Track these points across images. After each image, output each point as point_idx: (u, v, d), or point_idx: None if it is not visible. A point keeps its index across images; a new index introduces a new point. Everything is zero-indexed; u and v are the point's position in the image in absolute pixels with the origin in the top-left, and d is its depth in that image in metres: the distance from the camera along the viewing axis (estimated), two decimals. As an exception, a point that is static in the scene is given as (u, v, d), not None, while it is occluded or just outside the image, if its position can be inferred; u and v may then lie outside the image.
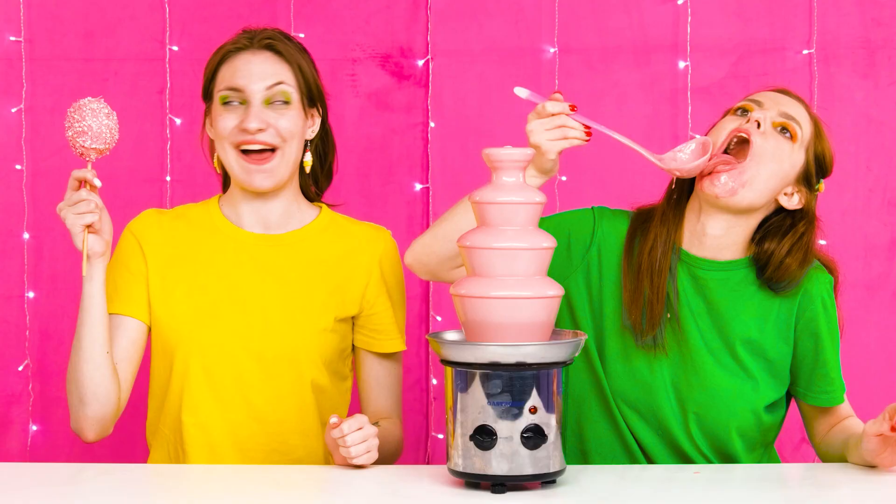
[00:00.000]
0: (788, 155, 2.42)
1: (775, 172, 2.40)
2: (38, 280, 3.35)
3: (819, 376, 2.45)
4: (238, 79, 2.52)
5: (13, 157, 3.34)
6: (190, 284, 2.52)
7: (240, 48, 2.55)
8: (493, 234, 2.14)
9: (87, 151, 2.38)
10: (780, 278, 2.42)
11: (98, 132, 2.37)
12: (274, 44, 2.55)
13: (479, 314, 2.13)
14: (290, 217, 2.58)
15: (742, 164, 2.38)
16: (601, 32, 3.36)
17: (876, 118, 3.35)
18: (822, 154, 2.46)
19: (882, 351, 3.36)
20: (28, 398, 3.36)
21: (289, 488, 2.20)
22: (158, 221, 2.58)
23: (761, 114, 2.41)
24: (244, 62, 2.54)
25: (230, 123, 2.51)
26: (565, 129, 2.31)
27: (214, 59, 2.57)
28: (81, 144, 2.37)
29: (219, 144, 2.54)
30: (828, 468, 2.38)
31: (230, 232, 2.56)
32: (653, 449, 2.45)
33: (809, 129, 2.45)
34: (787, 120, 2.41)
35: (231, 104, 2.52)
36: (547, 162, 2.34)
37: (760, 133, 2.40)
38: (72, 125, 2.37)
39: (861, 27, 3.34)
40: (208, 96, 2.58)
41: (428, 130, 3.37)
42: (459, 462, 2.14)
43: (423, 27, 3.36)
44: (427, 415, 3.39)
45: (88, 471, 2.32)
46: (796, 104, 2.46)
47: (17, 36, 3.33)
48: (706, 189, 2.39)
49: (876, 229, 3.36)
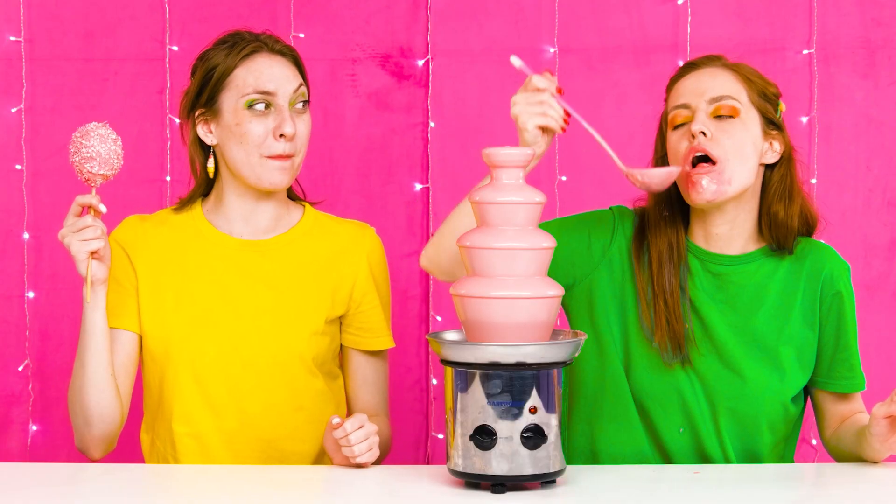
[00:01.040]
0: (742, 129, 2.41)
1: (746, 153, 2.41)
2: (38, 280, 3.35)
3: (840, 361, 2.46)
4: (266, 82, 2.47)
5: (13, 157, 3.33)
6: (179, 293, 2.50)
7: (255, 50, 2.50)
8: (492, 233, 2.14)
9: (94, 177, 2.35)
10: (779, 231, 2.44)
11: (106, 158, 2.34)
12: (286, 48, 2.53)
13: (479, 314, 2.13)
14: (280, 220, 2.56)
15: (716, 166, 2.39)
16: (601, 32, 3.36)
17: (876, 118, 3.35)
18: (762, 92, 2.45)
19: (882, 351, 3.36)
20: (28, 398, 3.35)
21: (288, 489, 2.19)
22: (143, 229, 2.54)
23: (698, 123, 2.40)
24: (266, 65, 2.49)
25: (260, 129, 2.47)
26: (546, 106, 2.30)
27: (226, 62, 2.49)
28: (88, 170, 2.34)
29: (238, 149, 2.48)
30: (829, 468, 2.38)
31: (217, 239, 2.53)
32: (673, 446, 2.44)
33: (740, 88, 2.44)
34: (718, 104, 2.42)
35: (256, 108, 2.47)
36: (527, 135, 2.31)
37: (711, 140, 2.40)
38: (78, 150, 2.34)
39: (861, 27, 3.34)
40: (210, 102, 2.51)
41: (428, 130, 3.36)
42: (459, 462, 2.13)
43: (423, 27, 3.36)
44: (427, 415, 3.39)
45: (88, 471, 2.32)
46: (714, 75, 2.45)
47: (17, 36, 3.32)
48: (695, 199, 2.40)
49: (876, 229, 3.35)
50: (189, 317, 2.49)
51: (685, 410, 2.42)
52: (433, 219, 3.35)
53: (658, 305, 2.42)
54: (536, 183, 2.96)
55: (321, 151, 3.34)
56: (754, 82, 2.44)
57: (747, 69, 2.47)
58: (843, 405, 2.49)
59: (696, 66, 2.47)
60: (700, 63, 2.48)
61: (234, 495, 2.15)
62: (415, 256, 3.36)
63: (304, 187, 2.67)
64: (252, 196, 2.53)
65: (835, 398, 2.49)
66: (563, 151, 3.36)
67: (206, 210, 2.56)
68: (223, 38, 2.54)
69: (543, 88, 2.30)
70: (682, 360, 2.40)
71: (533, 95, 2.30)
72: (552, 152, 3.36)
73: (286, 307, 2.51)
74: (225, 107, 2.50)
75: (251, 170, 2.48)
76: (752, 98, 2.43)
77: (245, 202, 2.54)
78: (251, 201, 2.54)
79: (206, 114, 2.52)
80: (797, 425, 2.50)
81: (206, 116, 2.52)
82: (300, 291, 2.52)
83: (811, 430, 3.31)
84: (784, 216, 2.44)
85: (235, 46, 2.50)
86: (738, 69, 2.45)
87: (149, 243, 2.52)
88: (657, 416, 2.43)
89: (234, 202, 2.54)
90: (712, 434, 2.42)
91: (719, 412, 2.41)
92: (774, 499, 2.16)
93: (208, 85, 2.50)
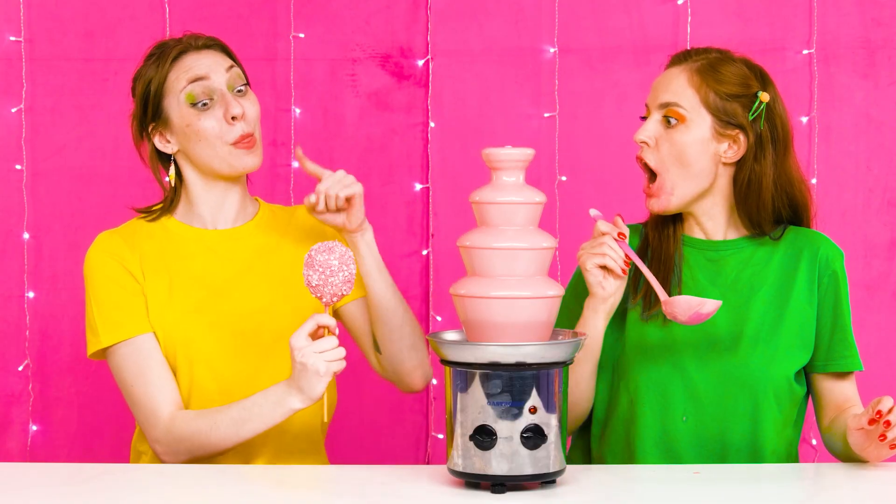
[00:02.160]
0: (686, 135, 2.44)
1: (687, 160, 2.45)
2: (38, 280, 3.34)
3: (838, 341, 2.49)
4: (197, 70, 2.50)
5: (13, 157, 3.33)
6: (176, 292, 2.50)
7: (181, 52, 2.53)
8: (492, 233, 2.13)
9: (332, 296, 2.30)
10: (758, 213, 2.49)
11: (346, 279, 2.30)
12: (209, 40, 2.55)
13: (479, 314, 2.13)
14: (245, 208, 2.59)
15: (657, 180, 2.46)
16: (601, 32, 3.35)
17: (876, 118, 3.34)
18: (723, 93, 2.46)
19: (882, 351, 3.36)
20: (28, 398, 3.35)
21: (289, 488, 2.19)
22: (123, 241, 2.53)
23: (641, 132, 2.48)
24: (193, 60, 2.52)
25: (211, 122, 2.50)
26: (605, 247, 2.38)
27: (159, 72, 2.52)
28: (333, 287, 2.29)
29: (200, 147, 2.50)
30: (829, 468, 2.38)
31: (196, 235, 2.55)
32: (678, 436, 2.45)
33: (692, 92, 2.45)
34: (665, 109, 2.46)
35: (198, 105, 2.49)
36: (589, 276, 2.40)
37: (652, 149, 2.47)
38: (330, 268, 2.28)
39: (861, 27, 3.33)
40: (156, 114, 2.53)
41: (428, 130, 3.36)
42: (459, 462, 2.13)
43: (423, 27, 3.36)
44: (427, 415, 3.38)
45: (88, 471, 2.31)
46: (671, 78, 2.48)
47: (17, 36, 3.32)
48: (649, 210, 2.49)
49: (876, 229, 3.35)
50: (193, 315, 2.49)
51: (689, 397, 2.45)
52: (433, 219, 3.35)
53: (651, 266, 2.49)
54: (537, 183, 2.95)
55: (321, 151, 3.34)
56: (711, 85, 2.45)
57: (714, 69, 2.47)
58: (840, 387, 2.52)
59: (669, 65, 2.52)
60: (672, 61, 2.52)
61: (235, 494, 2.15)
62: (415, 256, 3.36)
63: (302, 186, 2.68)
64: (220, 188, 2.56)
65: (833, 381, 2.51)
66: (564, 151, 3.35)
67: (176, 216, 2.57)
68: (150, 51, 2.57)
69: (606, 232, 2.39)
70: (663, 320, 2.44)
71: (596, 239, 2.40)
72: (552, 152, 3.36)
73: (280, 288, 2.53)
74: (172, 113, 2.53)
75: (222, 161, 2.51)
76: (706, 100, 2.45)
77: (213, 195, 2.56)
78: (219, 193, 2.56)
79: (158, 125, 2.55)
80: (801, 410, 2.52)
81: (159, 128, 2.55)
82: (285, 269, 2.54)
83: (811, 430, 3.31)
84: (755, 208, 2.48)
85: (163, 55, 2.54)
86: (700, 70, 2.46)
87: (133, 254, 2.52)
88: (659, 407, 2.46)
89: (203, 197, 2.56)
90: (718, 420, 2.44)
91: (727, 382, 2.43)
92: (776, 499, 2.15)
93: (149, 98, 2.54)
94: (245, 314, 2.51)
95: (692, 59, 2.48)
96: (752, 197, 2.47)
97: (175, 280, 2.51)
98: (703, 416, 2.44)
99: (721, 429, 2.44)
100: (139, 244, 2.53)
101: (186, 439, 2.41)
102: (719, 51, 2.50)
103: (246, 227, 2.58)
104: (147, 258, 2.52)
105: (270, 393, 2.35)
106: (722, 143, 2.46)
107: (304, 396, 2.30)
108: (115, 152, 3.35)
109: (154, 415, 2.44)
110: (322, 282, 2.27)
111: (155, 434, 2.44)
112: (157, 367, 2.47)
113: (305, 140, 3.32)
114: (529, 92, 3.37)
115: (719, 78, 2.45)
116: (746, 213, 2.49)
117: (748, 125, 2.45)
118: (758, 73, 2.49)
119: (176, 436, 2.42)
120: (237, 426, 2.37)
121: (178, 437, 2.41)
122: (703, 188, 2.47)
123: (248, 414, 2.36)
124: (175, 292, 2.50)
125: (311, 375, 2.27)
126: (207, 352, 2.49)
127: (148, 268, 2.51)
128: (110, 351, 2.48)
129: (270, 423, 2.36)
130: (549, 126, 3.38)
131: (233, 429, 2.38)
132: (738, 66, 2.47)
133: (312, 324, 2.28)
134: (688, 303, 2.33)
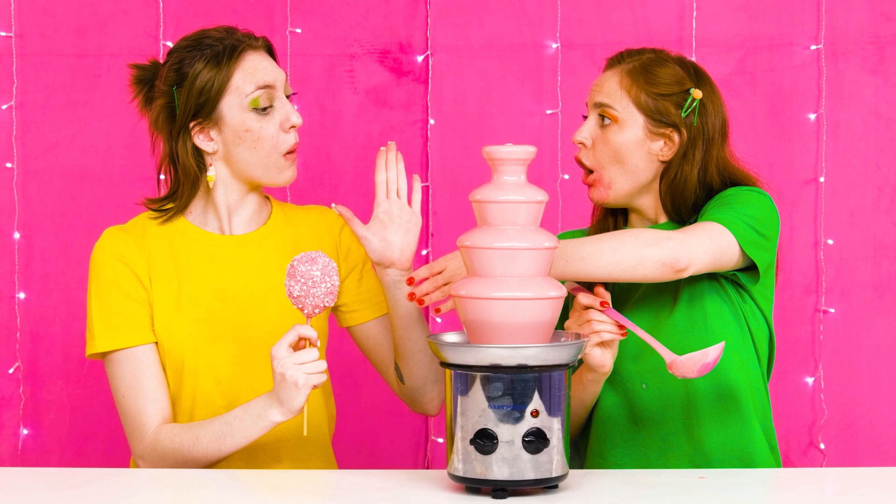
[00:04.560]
0: (619, 135, 2.50)
1: (623, 158, 2.50)
2: (29, 281, 3.34)
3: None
4: (265, 76, 2.46)
5: (3, 155, 3.34)
6: (185, 300, 2.48)
7: (242, 50, 2.47)
8: (493, 233, 2.13)
9: (314, 308, 2.29)
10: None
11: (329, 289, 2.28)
12: (264, 41, 2.52)
13: (480, 315, 2.12)
14: (260, 212, 2.56)
15: (594, 173, 2.53)
16: (605, 28, 3.36)
17: (885, 115, 3.35)
18: (655, 93, 2.51)
19: (891, 352, 3.37)
20: (19, 401, 3.35)
21: (288, 492, 2.19)
22: (133, 241, 2.49)
23: (578, 133, 2.54)
24: (257, 61, 2.48)
25: (272, 128, 2.47)
26: (594, 322, 2.37)
27: (220, 72, 2.45)
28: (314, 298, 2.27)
29: (251, 152, 2.46)
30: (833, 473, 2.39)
31: (209, 239, 2.52)
32: (640, 403, 2.48)
33: (622, 94, 2.51)
34: (599, 110, 2.52)
35: (260, 109, 2.45)
36: (590, 359, 2.41)
37: (588, 150, 2.54)
38: (311, 278, 2.27)
39: (870, 22, 3.34)
40: (209, 112, 2.46)
41: (427, 128, 3.37)
42: (459, 467, 2.12)
43: (423, 22, 3.37)
44: (426, 418, 3.38)
45: (80, 475, 2.32)
46: (605, 79, 2.53)
47: (7, 31, 3.32)
48: (592, 200, 2.56)
49: (885, 228, 3.36)
50: (200, 321, 2.47)
51: (645, 369, 2.49)
52: (433, 218, 3.34)
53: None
54: (538, 182, 2.93)
55: (319, 149, 3.34)
56: (641, 86, 2.50)
57: (646, 70, 2.51)
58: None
59: (605, 67, 2.58)
60: (608, 64, 2.58)
61: (231, 499, 2.14)
62: (414, 256, 3.34)
63: (301, 185, 2.66)
64: (244, 192, 2.53)
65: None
66: (565, 150, 3.35)
67: (189, 217, 2.52)
68: (194, 43, 2.49)
69: (589, 305, 2.39)
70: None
71: (580, 316, 2.39)
72: (554, 150, 3.36)
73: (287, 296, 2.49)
74: (229, 113, 2.46)
75: (267, 169, 2.48)
76: (638, 101, 2.50)
77: (236, 198, 2.53)
78: (242, 196, 2.53)
79: (206, 123, 2.48)
80: (758, 340, 2.52)
81: (207, 126, 2.48)
82: None
83: (819, 434, 3.31)
84: (678, 202, 2.52)
85: (220, 53, 2.46)
86: (631, 73, 2.52)
87: (142, 254, 2.48)
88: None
89: (225, 200, 2.52)
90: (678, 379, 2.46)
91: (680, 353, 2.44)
92: (785, 502, 2.16)
93: (207, 97, 2.46)
94: (254, 324, 2.49)
95: (625, 61, 2.55)
96: (677, 194, 2.52)
97: (183, 286, 2.48)
98: (663, 378, 2.47)
99: (684, 383, 2.46)
100: (148, 245, 2.49)
101: (170, 456, 2.40)
102: (654, 51, 2.56)
103: (259, 233, 2.54)
104: (155, 261, 2.48)
105: (252, 406, 2.34)
106: (657, 142, 2.51)
107: (283, 409, 2.30)
108: (107, 150, 3.35)
109: (140, 430, 2.43)
110: (304, 293, 2.26)
111: (140, 449, 2.44)
112: (150, 380, 2.45)
113: (303, 138, 3.30)
114: (531, 88, 3.37)
115: (650, 79, 2.51)
116: (671, 204, 2.53)
117: (681, 123, 2.51)
118: (691, 70, 2.54)
119: (160, 452, 2.41)
120: (219, 441, 2.37)
121: (162, 455, 2.41)
122: (640, 184, 2.53)
123: (230, 429, 2.36)
124: (183, 300, 2.47)
125: (290, 387, 2.27)
126: (213, 363, 2.48)
127: (156, 272, 2.48)
128: (106, 357, 2.46)
129: (252, 437, 2.35)
130: (552, 123, 3.38)
131: (215, 444, 2.37)
132: (671, 65, 2.53)
133: (294, 335, 2.27)
134: (692, 360, 2.33)
